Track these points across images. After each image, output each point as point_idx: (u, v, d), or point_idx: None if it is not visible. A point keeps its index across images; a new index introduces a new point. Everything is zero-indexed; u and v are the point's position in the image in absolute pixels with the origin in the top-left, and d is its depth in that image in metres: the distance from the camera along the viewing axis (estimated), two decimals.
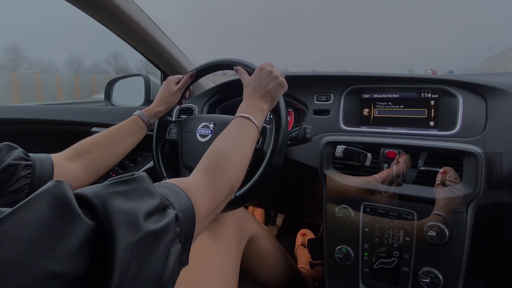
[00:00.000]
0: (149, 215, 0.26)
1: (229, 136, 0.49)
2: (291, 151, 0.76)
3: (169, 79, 0.76)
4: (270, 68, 0.60)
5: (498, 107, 0.63)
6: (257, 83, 0.59)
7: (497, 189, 0.59)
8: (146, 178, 0.30)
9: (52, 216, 0.21)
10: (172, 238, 0.28)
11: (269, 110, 0.59)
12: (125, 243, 0.23)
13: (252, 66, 0.64)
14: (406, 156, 0.63)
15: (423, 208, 0.60)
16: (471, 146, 0.60)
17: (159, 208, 0.28)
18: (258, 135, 0.54)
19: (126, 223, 0.24)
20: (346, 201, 0.67)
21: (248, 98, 0.58)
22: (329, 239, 0.69)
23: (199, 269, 0.56)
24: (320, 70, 0.87)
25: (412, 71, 2.77)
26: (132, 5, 0.84)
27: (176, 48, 1.03)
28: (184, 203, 0.33)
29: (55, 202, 0.22)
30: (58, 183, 0.23)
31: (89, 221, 0.23)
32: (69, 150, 0.56)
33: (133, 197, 0.27)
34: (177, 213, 0.30)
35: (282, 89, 0.61)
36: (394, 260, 0.62)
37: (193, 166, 0.72)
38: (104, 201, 0.24)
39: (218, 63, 0.71)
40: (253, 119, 0.53)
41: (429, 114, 0.71)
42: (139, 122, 0.67)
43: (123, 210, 0.24)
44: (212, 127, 0.71)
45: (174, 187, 0.35)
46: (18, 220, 0.20)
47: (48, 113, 0.94)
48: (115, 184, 0.27)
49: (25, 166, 0.46)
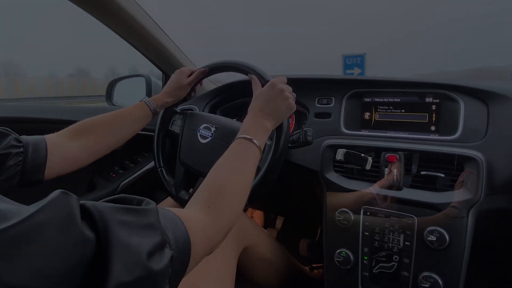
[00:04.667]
0: (150, 254, 0.25)
1: (231, 165, 0.48)
2: (292, 153, 0.76)
3: (182, 70, 0.74)
4: (282, 86, 0.58)
5: (500, 112, 0.63)
6: (266, 99, 0.57)
7: (498, 195, 0.59)
8: (155, 212, 0.29)
9: (53, 238, 0.20)
10: (163, 280, 0.27)
11: (272, 129, 0.58)
12: (117, 281, 0.22)
13: (266, 78, 0.62)
14: (398, 164, 0.63)
15: (423, 212, 0.59)
16: (472, 151, 0.60)
17: (159, 247, 0.27)
18: (260, 156, 0.52)
19: (126, 260, 0.23)
20: (346, 205, 0.67)
21: (253, 113, 0.56)
22: (329, 243, 0.69)
23: (195, 273, 0.56)
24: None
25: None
26: (133, 4, 0.84)
27: (178, 49, 1.03)
28: (182, 241, 0.31)
29: (59, 220, 0.21)
30: (65, 197, 0.23)
31: (88, 248, 0.22)
32: (70, 129, 0.55)
33: (137, 231, 0.25)
34: (173, 253, 0.29)
35: (290, 111, 0.59)
36: (394, 265, 0.62)
37: (189, 164, 0.74)
38: (107, 228, 0.23)
39: (234, 65, 0.69)
40: (256, 141, 0.51)
41: (430, 118, 0.71)
42: (145, 108, 0.66)
43: (126, 244, 0.23)
44: (213, 130, 0.71)
45: (177, 220, 0.33)
46: (18, 232, 0.19)
47: (49, 112, 0.94)
48: (123, 212, 0.26)
49: (16, 154, 0.45)
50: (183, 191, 0.73)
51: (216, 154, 0.48)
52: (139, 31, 0.89)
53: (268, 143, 0.63)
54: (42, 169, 0.49)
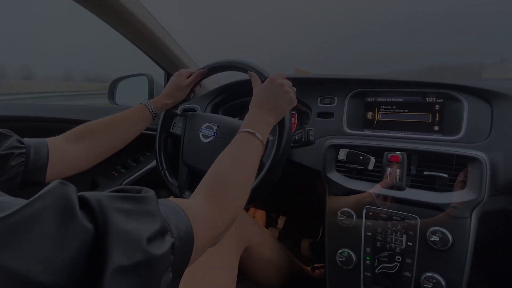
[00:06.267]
0: (150, 240, 0.25)
1: (234, 157, 0.48)
2: (294, 153, 0.76)
3: (181, 72, 0.74)
4: (281, 81, 0.58)
5: (504, 112, 0.63)
6: (267, 95, 0.57)
7: (501, 195, 0.58)
8: (153, 199, 0.29)
9: (51, 227, 0.20)
10: (165, 267, 0.27)
11: (274, 124, 0.58)
12: (116, 265, 0.22)
13: (265, 74, 0.62)
14: (396, 165, 0.63)
15: (426, 213, 0.59)
16: (476, 151, 0.59)
17: (159, 234, 0.27)
18: (262, 150, 0.52)
19: (124, 245, 0.23)
20: (348, 205, 0.67)
21: (255, 109, 0.56)
22: (331, 243, 0.69)
23: (197, 271, 0.56)
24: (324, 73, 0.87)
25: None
26: (137, 4, 0.84)
27: (180, 48, 1.03)
28: (184, 230, 0.31)
29: (57, 208, 0.21)
30: (62, 187, 0.23)
31: (87, 235, 0.22)
32: (70, 133, 0.56)
33: (136, 218, 0.25)
34: (174, 241, 0.29)
35: (291, 105, 0.59)
36: (396, 265, 0.62)
37: (192, 164, 0.73)
38: (105, 216, 0.23)
39: (232, 64, 0.69)
40: (258, 135, 0.51)
41: (433, 118, 0.70)
42: (145, 111, 0.67)
43: (124, 231, 0.23)
44: (215, 129, 0.71)
45: (178, 210, 0.33)
46: (18, 220, 0.19)
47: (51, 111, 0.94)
48: (121, 200, 0.26)
49: (18, 154, 0.45)
50: (188, 191, 0.73)
51: (219, 152, 0.48)
52: (142, 31, 0.89)
53: (271, 139, 0.63)
54: (43, 171, 0.49)
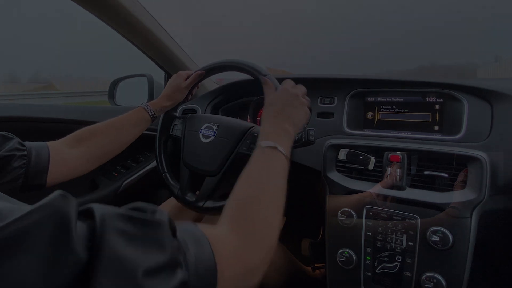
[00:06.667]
0: (148, 273, 0.22)
1: (258, 177, 0.42)
2: (294, 153, 0.75)
3: (179, 74, 0.74)
4: (295, 91, 0.55)
5: (504, 112, 0.63)
6: (283, 105, 0.53)
7: (502, 195, 0.58)
8: (165, 225, 0.25)
9: (41, 247, 0.19)
10: None
11: (295, 135, 0.52)
12: None
13: (262, 72, 0.61)
14: (396, 165, 0.63)
15: (426, 212, 0.59)
16: (476, 151, 0.59)
17: (164, 267, 0.23)
18: (287, 164, 0.46)
19: (115, 275, 0.20)
20: (349, 205, 0.67)
21: (272, 117, 0.51)
22: (331, 243, 0.69)
23: None
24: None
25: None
26: (136, 5, 0.84)
27: (180, 49, 1.03)
28: (204, 265, 0.27)
29: (51, 226, 0.19)
30: (62, 201, 0.21)
31: (77, 264, 0.20)
32: (69, 137, 0.56)
33: (137, 244, 0.22)
34: (188, 278, 0.25)
35: (307, 118, 0.56)
36: (396, 265, 0.62)
37: (194, 165, 0.73)
38: (103, 237, 0.21)
39: (229, 64, 0.69)
40: (281, 149, 0.46)
41: (433, 118, 0.70)
42: (144, 113, 0.67)
43: (119, 258, 0.21)
44: (215, 129, 0.71)
45: (203, 241, 0.29)
46: (5, 236, 0.18)
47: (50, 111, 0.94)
48: (127, 220, 0.23)
49: (20, 156, 0.46)
50: (190, 193, 0.73)
51: (220, 151, 0.47)
52: (142, 32, 0.89)
53: None
54: (44, 174, 0.49)
